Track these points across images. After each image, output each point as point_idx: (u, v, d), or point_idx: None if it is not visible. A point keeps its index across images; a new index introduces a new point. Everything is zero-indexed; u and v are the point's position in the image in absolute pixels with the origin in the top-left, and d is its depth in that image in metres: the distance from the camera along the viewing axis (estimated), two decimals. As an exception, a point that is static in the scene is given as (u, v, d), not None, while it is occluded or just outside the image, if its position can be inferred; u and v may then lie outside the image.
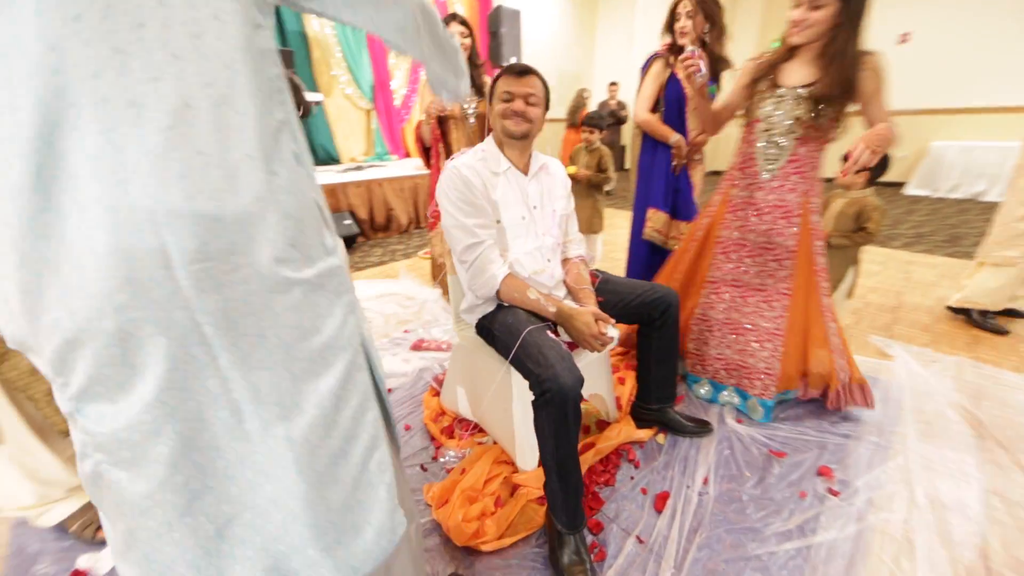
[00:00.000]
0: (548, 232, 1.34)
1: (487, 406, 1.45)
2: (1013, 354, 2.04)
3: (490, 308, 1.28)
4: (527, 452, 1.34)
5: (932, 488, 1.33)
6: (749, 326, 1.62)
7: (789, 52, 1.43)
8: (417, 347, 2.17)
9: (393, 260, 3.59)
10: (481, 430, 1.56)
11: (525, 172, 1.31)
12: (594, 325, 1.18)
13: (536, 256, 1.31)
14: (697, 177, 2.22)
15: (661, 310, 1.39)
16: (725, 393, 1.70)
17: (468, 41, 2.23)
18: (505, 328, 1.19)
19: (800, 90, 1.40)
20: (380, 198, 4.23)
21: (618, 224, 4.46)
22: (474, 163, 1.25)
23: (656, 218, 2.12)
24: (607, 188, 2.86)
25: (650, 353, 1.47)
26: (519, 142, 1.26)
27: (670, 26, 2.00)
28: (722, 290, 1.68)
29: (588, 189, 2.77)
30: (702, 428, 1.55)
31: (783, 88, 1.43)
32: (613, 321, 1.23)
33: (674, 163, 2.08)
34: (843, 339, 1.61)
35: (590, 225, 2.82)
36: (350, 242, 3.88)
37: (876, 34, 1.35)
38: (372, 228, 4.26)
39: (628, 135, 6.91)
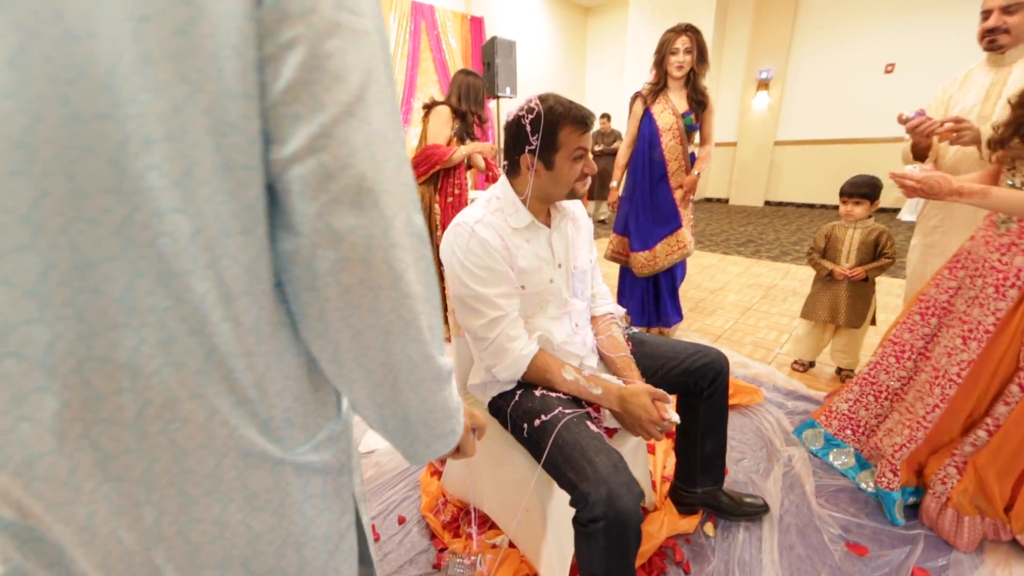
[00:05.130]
0: (578, 294, 1.11)
1: (504, 501, 1.18)
2: None
3: (508, 387, 1.03)
4: (555, 565, 1.06)
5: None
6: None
7: None
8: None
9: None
10: (493, 524, 1.28)
11: (547, 224, 1.09)
12: (653, 409, 0.94)
13: (564, 323, 1.08)
14: (684, 219, 2.33)
15: (711, 378, 1.15)
16: (864, 474, 1.40)
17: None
18: (529, 416, 0.93)
19: None
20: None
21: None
22: (490, 218, 1.00)
23: (615, 241, 2.50)
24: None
25: (697, 428, 1.22)
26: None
27: (661, 61, 2.17)
28: (905, 356, 1.34)
29: None
30: (758, 509, 1.30)
31: None
32: (671, 400, 0.99)
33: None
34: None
35: None
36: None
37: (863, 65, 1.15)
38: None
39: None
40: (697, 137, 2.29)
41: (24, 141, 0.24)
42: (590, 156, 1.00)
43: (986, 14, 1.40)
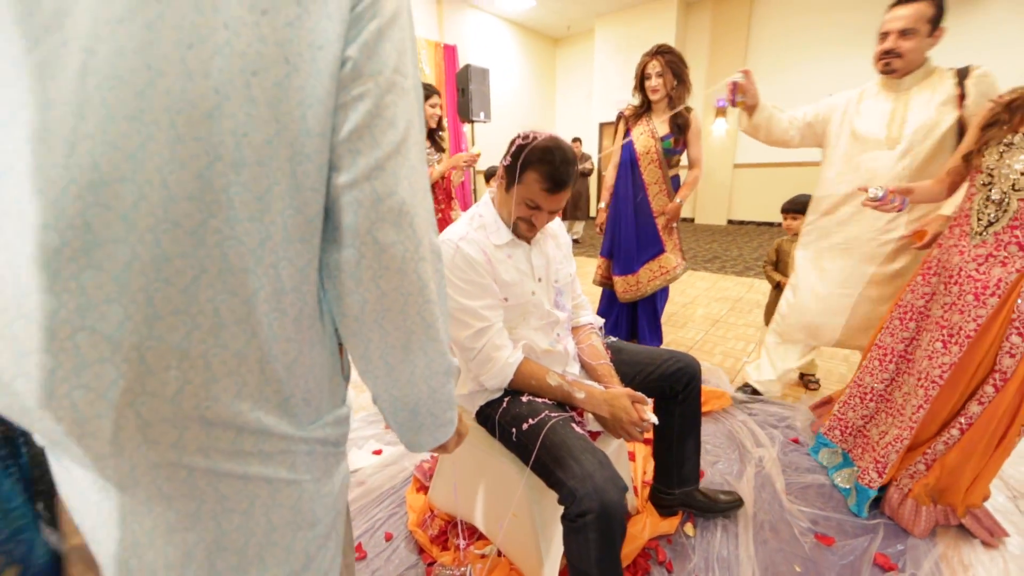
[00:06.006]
0: (560, 306, 1.18)
1: (492, 509, 1.20)
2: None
3: (495, 395, 1.08)
4: (545, 568, 1.09)
5: None
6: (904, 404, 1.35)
7: None
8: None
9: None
10: (482, 535, 1.30)
11: (527, 240, 1.15)
12: (633, 411, 1.00)
13: (547, 332, 1.14)
14: (669, 243, 2.33)
15: (685, 382, 1.23)
16: (845, 472, 1.48)
17: (438, 112, 2.31)
18: (517, 421, 0.98)
19: None
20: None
21: (587, 273, 4.41)
22: (474, 235, 1.06)
23: (602, 265, 2.50)
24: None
25: (672, 430, 1.29)
26: None
27: (640, 85, 2.16)
28: (887, 359, 1.42)
29: None
30: (733, 504, 1.36)
31: (1021, 134, 1.12)
32: (649, 402, 1.05)
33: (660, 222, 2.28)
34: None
35: None
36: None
37: (807, 95, 1.23)
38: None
39: (595, 186, 7.11)
40: (682, 160, 2.28)
41: (135, 154, 0.30)
42: (544, 216, 1.04)
43: (884, 36, 1.47)
